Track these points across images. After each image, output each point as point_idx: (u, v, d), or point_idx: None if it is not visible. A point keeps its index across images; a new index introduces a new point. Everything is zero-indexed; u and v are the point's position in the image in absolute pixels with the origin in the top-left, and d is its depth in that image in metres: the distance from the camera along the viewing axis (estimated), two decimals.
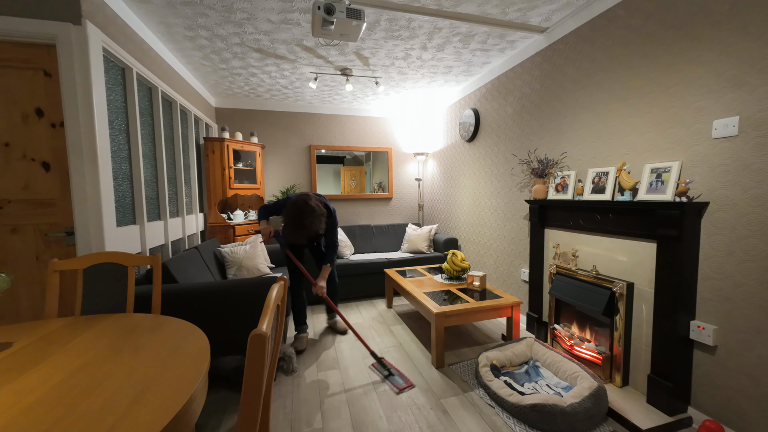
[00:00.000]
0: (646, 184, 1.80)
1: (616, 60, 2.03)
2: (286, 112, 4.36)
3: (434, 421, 1.72)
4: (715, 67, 1.55)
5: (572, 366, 1.90)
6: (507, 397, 1.74)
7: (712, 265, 1.59)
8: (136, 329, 1.12)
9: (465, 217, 3.89)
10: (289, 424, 1.71)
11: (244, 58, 2.91)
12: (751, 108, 1.43)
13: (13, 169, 1.71)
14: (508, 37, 2.60)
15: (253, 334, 0.68)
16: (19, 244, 1.74)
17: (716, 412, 1.58)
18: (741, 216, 1.47)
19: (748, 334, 1.46)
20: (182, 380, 0.79)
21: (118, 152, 2.07)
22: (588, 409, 1.59)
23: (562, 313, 2.38)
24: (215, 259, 2.90)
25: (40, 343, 1.01)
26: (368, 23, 2.35)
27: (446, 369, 2.22)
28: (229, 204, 4.10)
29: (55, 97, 1.73)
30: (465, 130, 3.72)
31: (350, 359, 2.36)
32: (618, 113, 2.03)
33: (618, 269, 1.98)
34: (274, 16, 2.24)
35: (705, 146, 1.60)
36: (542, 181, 2.54)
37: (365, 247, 4.30)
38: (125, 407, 0.69)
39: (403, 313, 3.28)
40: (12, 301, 1.74)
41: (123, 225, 2.08)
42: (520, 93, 2.87)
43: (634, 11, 1.91)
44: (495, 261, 3.33)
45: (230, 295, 1.91)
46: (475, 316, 2.32)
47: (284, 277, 1.01)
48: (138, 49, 2.27)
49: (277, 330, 0.97)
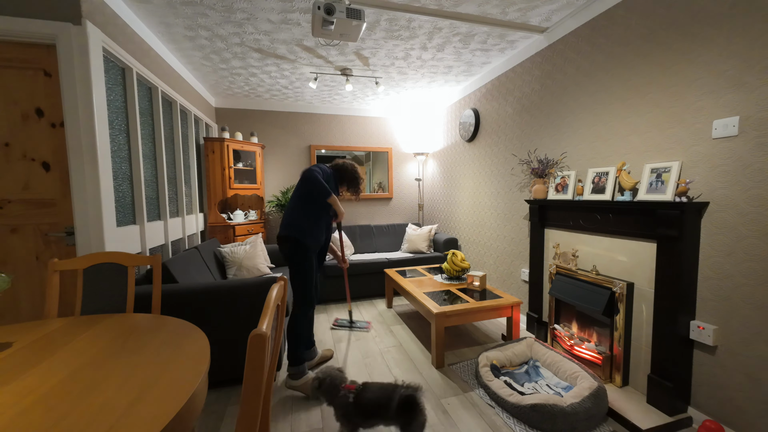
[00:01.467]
0: (646, 184, 1.80)
1: (616, 60, 2.03)
2: (286, 112, 4.36)
3: (434, 421, 1.72)
4: (715, 67, 1.55)
5: (572, 366, 1.90)
6: (507, 397, 1.74)
7: (712, 265, 1.59)
8: (136, 329, 1.12)
9: (465, 217, 3.89)
10: (289, 424, 1.71)
11: (244, 58, 2.91)
12: (751, 108, 1.43)
13: (13, 169, 1.71)
14: (508, 37, 2.60)
15: (253, 334, 0.68)
16: (19, 244, 1.74)
17: (716, 412, 1.58)
18: (741, 216, 1.47)
19: (748, 334, 1.46)
20: (182, 380, 0.79)
21: (118, 152, 2.07)
22: (588, 409, 1.59)
23: (562, 313, 2.38)
24: (215, 259, 2.90)
25: (40, 343, 1.01)
26: (368, 23, 2.35)
27: (446, 369, 2.22)
28: (229, 204, 4.10)
29: (55, 97, 1.73)
30: (465, 130, 3.72)
31: (350, 359, 2.36)
32: (618, 113, 2.03)
33: (618, 269, 1.98)
34: (274, 16, 2.24)
35: (705, 146, 1.60)
36: (542, 181, 2.54)
37: (365, 247, 4.30)
38: (125, 407, 0.69)
39: (403, 313, 3.28)
40: (12, 301, 1.74)
41: (123, 225, 2.08)
42: (520, 93, 2.87)
43: (634, 11, 1.91)
44: (495, 261, 3.33)
45: (230, 295, 1.91)
46: (475, 316, 2.32)
47: (284, 277, 1.01)
48: (138, 49, 2.27)
49: (277, 330, 0.97)
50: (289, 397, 1.93)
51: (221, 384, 2.06)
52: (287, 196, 4.09)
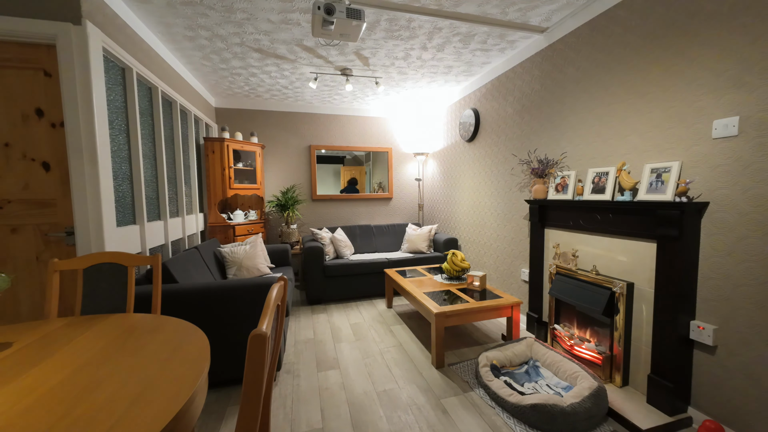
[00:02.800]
0: (646, 184, 1.80)
1: (616, 60, 2.03)
2: (286, 112, 4.36)
3: (434, 421, 1.72)
4: (715, 67, 1.55)
5: (572, 366, 1.90)
6: (507, 397, 1.74)
7: (712, 265, 1.59)
8: (136, 329, 1.12)
9: (465, 217, 3.89)
10: (289, 424, 1.71)
11: (244, 58, 2.91)
12: (751, 108, 1.43)
13: (13, 169, 1.71)
14: (508, 37, 2.60)
15: (253, 334, 0.68)
16: (19, 244, 1.74)
17: (716, 412, 1.58)
18: (741, 216, 1.47)
19: (748, 334, 1.46)
20: (182, 380, 0.79)
21: (118, 152, 2.07)
22: (588, 409, 1.59)
23: (562, 313, 2.38)
24: (215, 259, 2.90)
25: (40, 343, 1.01)
26: (368, 23, 2.35)
27: (446, 369, 2.22)
28: (229, 204, 4.10)
29: (55, 97, 1.73)
30: (465, 130, 3.72)
31: (350, 359, 2.36)
32: (618, 113, 2.03)
33: (618, 269, 1.98)
34: (274, 16, 2.24)
35: (705, 146, 1.60)
36: (542, 181, 2.54)
37: (365, 247, 4.30)
38: (125, 407, 0.69)
39: (403, 313, 3.28)
40: (12, 301, 1.74)
41: (123, 225, 2.08)
42: (520, 93, 2.87)
43: (634, 11, 1.91)
44: (495, 261, 3.33)
45: (230, 295, 1.91)
46: (475, 316, 2.32)
47: (284, 276, 1.01)
48: (138, 50, 2.27)
49: (277, 330, 0.97)
50: (289, 397, 1.93)
51: (221, 384, 2.06)
52: (287, 196, 4.09)
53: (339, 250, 3.88)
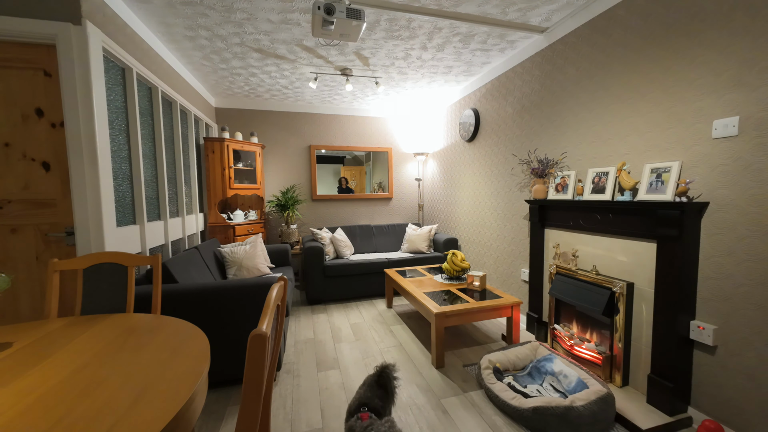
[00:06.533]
0: (646, 184, 1.80)
1: (616, 60, 2.03)
2: (286, 112, 4.36)
3: (434, 421, 1.72)
4: (715, 67, 1.55)
5: (581, 372, 1.84)
6: (509, 400, 1.73)
7: (712, 265, 1.59)
8: (136, 329, 1.12)
9: (465, 217, 3.89)
10: (289, 424, 1.71)
11: (244, 58, 2.91)
12: (751, 108, 1.43)
13: (13, 169, 1.71)
14: (508, 37, 2.60)
15: (253, 334, 0.68)
16: (19, 244, 1.74)
17: (716, 412, 1.58)
18: (741, 216, 1.47)
19: (748, 334, 1.46)
20: (182, 380, 0.79)
21: (118, 152, 2.07)
22: (594, 413, 1.55)
23: (562, 313, 2.38)
24: (215, 259, 2.90)
25: (40, 343, 1.01)
26: (368, 23, 2.35)
27: (446, 369, 2.22)
28: (229, 204, 4.10)
29: (55, 97, 1.73)
30: (465, 130, 3.72)
31: (350, 359, 2.36)
32: (618, 113, 2.03)
33: (618, 269, 1.98)
34: (274, 16, 2.24)
35: (705, 146, 1.60)
36: (542, 181, 2.54)
37: (365, 247, 4.30)
38: (125, 407, 0.69)
39: (403, 313, 3.28)
40: (12, 301, 1.74)
41: (123, 225, 2.08)
42: (520, 93, 2.87)
43: (634, 11, 1.91)
44: (495, 261, 3.33)
45: (230, 295, 1.91)
46: (475, 316, 2.32)
47: (284, 276, 1.01)
48: (138, 49, 2.27)
49: (277, 330, 0.97)
50: (289, 397, 1.93)
51: (221, 384, 2.06)
52: (287, 196, 4.09)
53: (339, 250, 3.88)
